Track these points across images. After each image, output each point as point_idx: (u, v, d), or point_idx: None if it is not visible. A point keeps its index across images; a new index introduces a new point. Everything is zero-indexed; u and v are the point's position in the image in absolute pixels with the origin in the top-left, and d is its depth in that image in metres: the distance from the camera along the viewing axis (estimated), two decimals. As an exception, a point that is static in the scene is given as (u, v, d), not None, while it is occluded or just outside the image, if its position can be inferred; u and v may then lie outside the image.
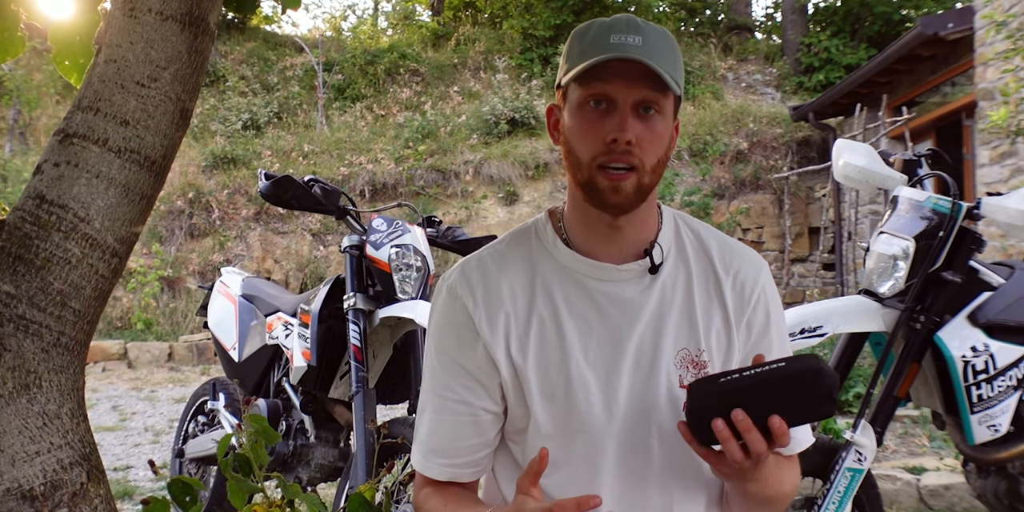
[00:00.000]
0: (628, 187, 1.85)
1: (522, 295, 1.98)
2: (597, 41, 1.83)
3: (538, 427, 1.95)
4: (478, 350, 1.97)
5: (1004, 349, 3.65)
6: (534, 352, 1.95)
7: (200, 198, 16.55)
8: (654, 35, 1.84)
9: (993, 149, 10.10)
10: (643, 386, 1.94)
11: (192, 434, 5.65)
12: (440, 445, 2.02)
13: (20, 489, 1.69)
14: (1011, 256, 8.99)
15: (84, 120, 1.81)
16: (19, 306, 1.73)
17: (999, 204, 3.74)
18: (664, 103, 1.86)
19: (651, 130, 1.84)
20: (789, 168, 16.82)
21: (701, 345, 1.98)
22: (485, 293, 1.98)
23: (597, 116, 1.84)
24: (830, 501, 3.57)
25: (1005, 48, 7.85)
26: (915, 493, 5.76)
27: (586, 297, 1.97)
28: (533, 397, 1.94)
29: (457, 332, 1.99)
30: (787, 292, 14.94)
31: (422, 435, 2.05)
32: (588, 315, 1.97)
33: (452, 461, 2.02)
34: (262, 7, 19.81)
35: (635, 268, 1.98)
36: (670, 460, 1.95)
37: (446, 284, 2.03)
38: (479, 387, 1.98)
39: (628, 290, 1.98)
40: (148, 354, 13.78)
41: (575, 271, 1.98)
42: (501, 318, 1.96)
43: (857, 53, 21.56)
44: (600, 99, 1.84)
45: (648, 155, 1.85)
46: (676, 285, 2.01)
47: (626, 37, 1.81)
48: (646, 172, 1.86)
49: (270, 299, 5.20)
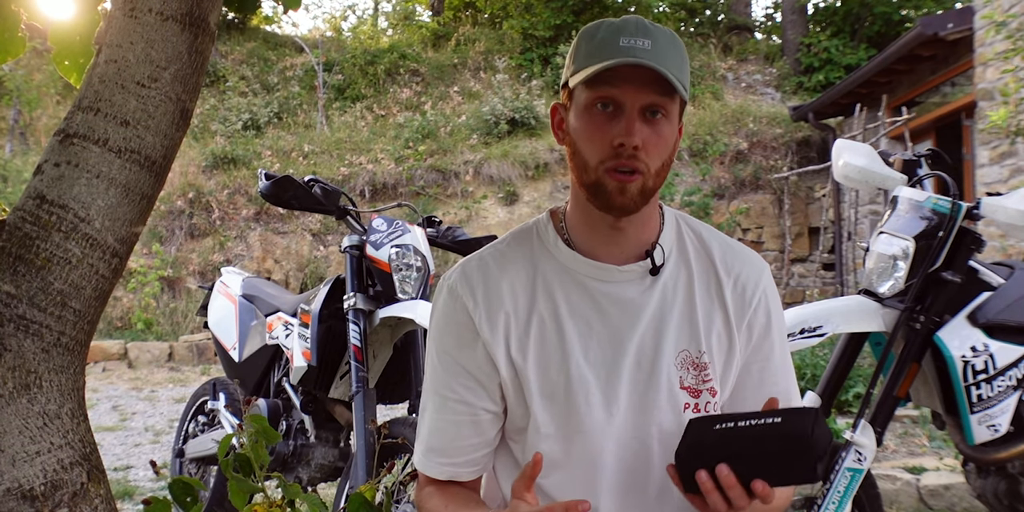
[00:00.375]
0: (633, 189, 1.85)
1: (523, 295, 1.98)
2: (606, 43, 1.83)
3: (537, 427, 1.95)
4: (478, 350, 1.97)
5: (1004, 349, 3.65)
6: (534, 352, 1.96)
7: (200, 198, 16.55)
8: (663, 38, 1.84)
9: (993, 149, 10.10)
10: (643, 387, 1.95)
11: (192, 434, 5.64)
12: (440, 444, 2.02)
13: (20, 489, 1.69)
14: (1011, 256, 8.99)
15: (84, 120, 1.81)
16: (19, 306, 1.73)
17: (999, 204, 3.74)
18: (671, 107, 1.86)
19: (657, 134, 1.85)
20: (789, 168, 16.82)
21: (702, 347, 1.98)
22: (485, 293, 1.98)
23: (604, 119, 1.84)
24: (830, 501, 3.57)
25: (1005, 48, 7.85)
26: (915, 493, 5.76)
27: (587, 297, 1.98)
28: (533, 397, 1.94)
29: (457, 332, 2.00)
30: (787, 292, 14.94)
31: (423, 434, 2.06)
32: (589, 315, 1.97)
33: (451, 460, 2.02)
34: (262, 7, 19.82)
35: (636, 269, 1.98)
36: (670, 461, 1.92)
37: (447, 284, 2.04)
38: (479, 387, 1.99)
39: (629, 291, 1.98)
40: (148, 354, 13.78)
41: (576, 271, 1.99)
42: (501, 318, 1.96)
43: (857, 53, 21.56)
44: (608, 102, 1.84)
45: (653, 159, 1.85)
46: (677, 286, 2.01)
47: (636, 40, 1.81)
48: (651, 176, 1.86)
49: (270, 299, 5.20)
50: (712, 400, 1.98)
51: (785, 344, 2.11)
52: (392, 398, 4.67)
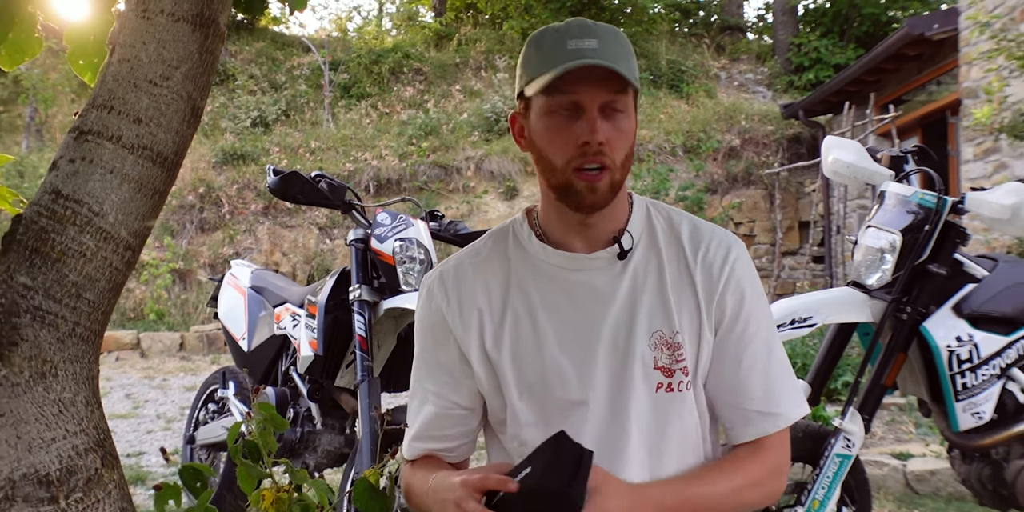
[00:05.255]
0: (603, 186, 1.87)
1: (496, 291, 2.01)
2: (555, 49, 1.84)
3: (517, 416, 1.99)
4: (451, 349, 2.01)
5: (987, 339, 3.66)
6: (509, 345, 1.98)
7: (210, 193, 16.55)
8: (607, 36, 1.85)
9: (977, 146, 10.10)
10: (619, 370, 1.96)
11: (203, 421, 5.65)
12: (423, 432, 2.09)
13: (36, 474, 1.69)
14: (994, 249, 8.99)
15: (98, 118, 1.81)
16: (35, 297, 1.73)
17: (983, 199, 3.74)
18: (626, 101, 1.88)
19: (618, 129, 1.87)
20: (780, 164, 16.80)
21: (675, 326, 1.98)
22: (458, 292, 2.01)
23: (565, 121, 1.86)
24: (819, 486, 3.58)
25: (988, 48, 7.85)
26: (902, 478, 5.77)
27: (558, 288, 2.00)
28: (510, 388, 1.97)
29: (432, 331, 2.04)
30: (778, 284, 14.94)
31: (409, 422, 2.12)
32: (562, 305, 1.99)
33: (430, 446, 2.09)
34: (270, 8, 19.81)
35: (604, 255, 2.00)
36: (647, 440, 1.97)
37: (426, 284, 2.08)
38: (454, 382, 2.03)
39: (599, 278, 1.99)
40: (160, 344, 13.80)
41: (548, 263, 2.01)
42: (474, 315, 1.99)
43: (845, 53, 21.57)
44: (567, 106, 1.85)
45: (617, 152, 1.87)
46: (648, 270, 2.01)
47: (582, 42, 1.82)
48: (617, 169, 1.88)
49: (278, 291, 5.20)
50: (685, 379, 1.98)
51: (766, 322, 2.08)
52: (396, 386, 4.67)
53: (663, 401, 1.97)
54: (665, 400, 1.97)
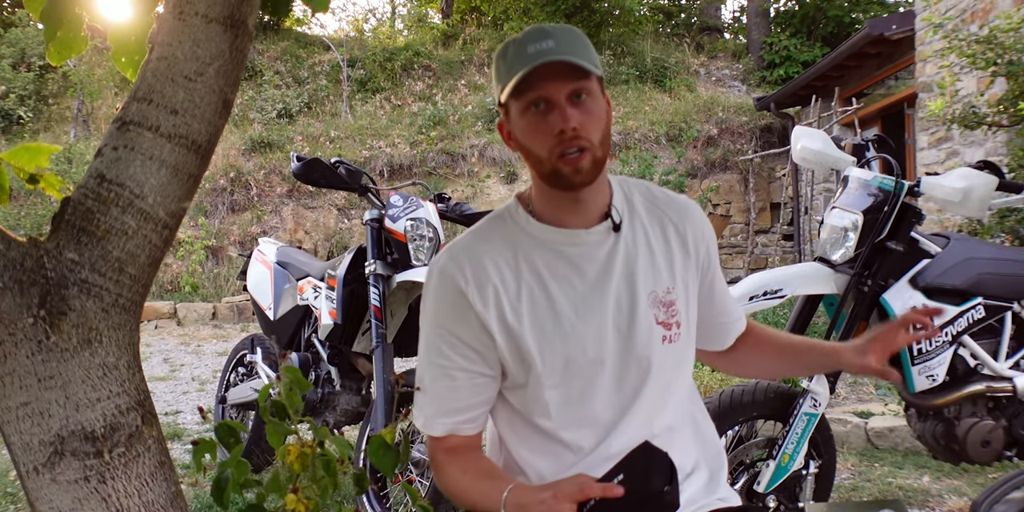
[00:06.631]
0: (586, 165, 1.87)
1: (507, 269, 2.00)
2: (517, 56, 1.86)
3: (540, 379, 1.97)
4: (472, 322, 1.98)
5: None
6: (528, 315, 1.97)
7: (240, 177, 16.52)
8: (562, 34, 1.87)
9: (931, 135, 10.10)
10: (627, 329, 2.00)
11: (233, 383, 5.66)
12: (448, 405, 2.03)
13: (83, 431, 1.69)
14: (947, 228, 8.99)
15: (139, 109, 1.81)
16: (82, 271, 1.72)
17: (936, 183, 3.75)
18: (591, 86, 1.88)
19: (588, 113, 1.87)
20: (753, 151, 16.81)
21: (667, 285, 2.05)
22: (474, 271, 1.99)
23: (540, 117, 1.87)
24: (789, 441, 3.59)
25: (942, 47, 7.81)
26: (863, 434, 5.78)
27: (564, 261, 2.00)
28: (533, 355, 1.96)
29: (452, 308, 2.00)
30: (751, 259, 14.92)
31: (423, 402, 2.06)
32: (570, 276, 2.00)
33: (452, 419, 2.03)
34: (294, 10, 19.73)
35: (601, 229, 2.02)
36: (657, 390, 2.02)
37: (437, 267, 2.04)
38: (475, 354, 2.00)
39: (598, 250, 2.02)
40: (195, 313, 13.81)
41: (550, 241, 2.01)
42: (491, 291, 1.97)
43: (813, 51, 21.53)
44: (538, 102, 1.86)
45: (593, 133, 1.87)
46: (636, 237, 2.06)
47: (539, 44, 1.84)
48: (596, 148, 1.88)
49: (301, 265, 5.20)
50: (678, 331, 2.05)
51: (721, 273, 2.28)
52: (408, 352, 4.67)
53: (667, 352, 2.03)
54: (668, 351, 2.03)
